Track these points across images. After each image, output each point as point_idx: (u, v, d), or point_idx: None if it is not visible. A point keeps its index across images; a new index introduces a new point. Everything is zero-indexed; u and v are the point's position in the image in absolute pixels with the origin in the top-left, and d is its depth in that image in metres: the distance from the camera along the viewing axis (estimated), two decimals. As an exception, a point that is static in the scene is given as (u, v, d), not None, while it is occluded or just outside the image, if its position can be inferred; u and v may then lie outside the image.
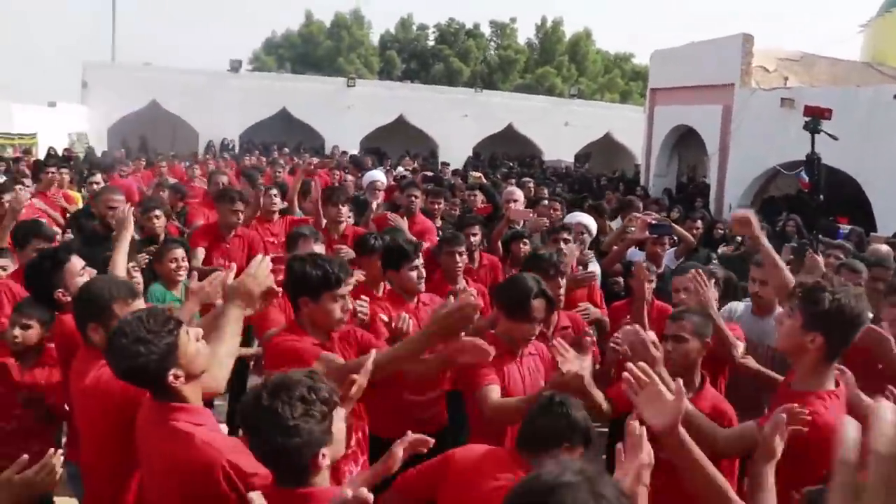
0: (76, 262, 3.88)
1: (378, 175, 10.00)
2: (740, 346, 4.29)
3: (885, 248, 7.32)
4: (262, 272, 3.05)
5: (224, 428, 4.43)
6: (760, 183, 17.20)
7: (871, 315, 3.69)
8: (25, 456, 2.51)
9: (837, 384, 3.15)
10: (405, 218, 7.31)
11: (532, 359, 4.05)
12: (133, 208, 5.06)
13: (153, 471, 2.72)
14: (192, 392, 2.64)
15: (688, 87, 18.95)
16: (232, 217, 6.64)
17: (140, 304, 3.11)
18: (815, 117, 8.12)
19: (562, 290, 4.84)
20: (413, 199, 7.67)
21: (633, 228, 6.89)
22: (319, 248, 4.95)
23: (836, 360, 3.15)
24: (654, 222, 6.58)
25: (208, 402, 3.09)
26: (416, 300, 4.61)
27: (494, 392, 3.55)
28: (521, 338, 3.95)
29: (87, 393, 2.95)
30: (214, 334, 2.92)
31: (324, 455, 2.27)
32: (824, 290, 3.05)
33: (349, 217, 7.14)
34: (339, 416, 2.39)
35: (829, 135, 8.19)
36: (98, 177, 8.90)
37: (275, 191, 7.74)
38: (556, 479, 1.57)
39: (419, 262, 4.54)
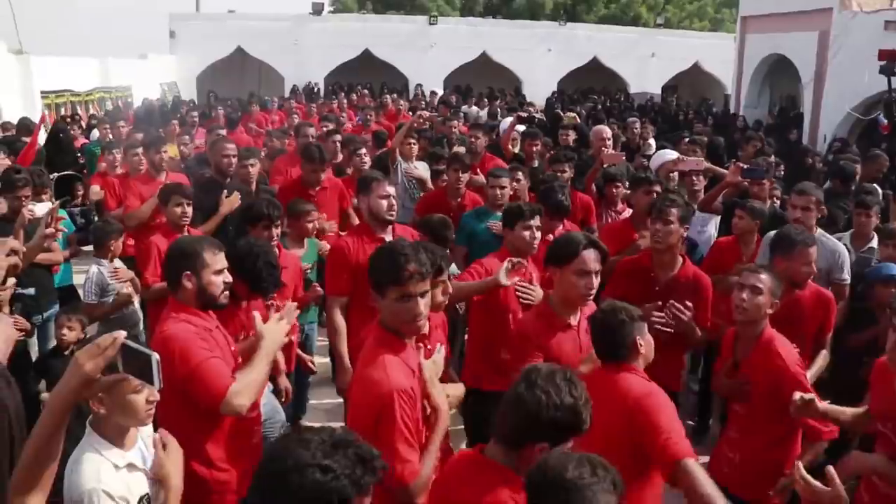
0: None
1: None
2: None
3: None
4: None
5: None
6: (858, 113, 16.52)
7: None
8: None
9: None
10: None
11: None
12: None
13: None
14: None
15: (782, 14, 18.24)
16: (312, 176, 6.47)
17: None
18: (890, 61, 7.95)
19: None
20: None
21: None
22: (391, 189, 4.75)
23: None
24: (745, 167, 6.61)
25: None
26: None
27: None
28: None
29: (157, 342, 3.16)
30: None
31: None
32: None
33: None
34: None
35: None
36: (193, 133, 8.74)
37: (363, 150, 7.43)
38: None
39: (534, 222, 4.48)
